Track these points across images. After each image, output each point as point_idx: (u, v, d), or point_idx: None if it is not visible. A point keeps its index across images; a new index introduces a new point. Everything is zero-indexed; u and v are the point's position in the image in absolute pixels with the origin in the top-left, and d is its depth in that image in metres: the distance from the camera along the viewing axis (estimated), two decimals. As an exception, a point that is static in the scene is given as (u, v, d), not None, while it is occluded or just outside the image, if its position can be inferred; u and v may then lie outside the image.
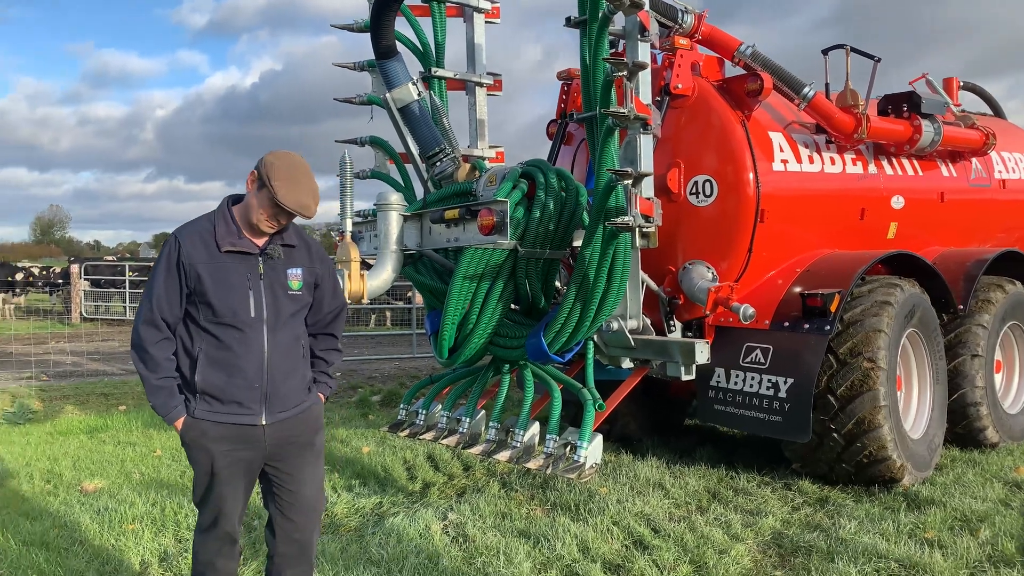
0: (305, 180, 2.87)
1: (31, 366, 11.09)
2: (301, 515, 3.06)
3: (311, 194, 2.87)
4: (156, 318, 2.89)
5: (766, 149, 5.55)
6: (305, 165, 2.93)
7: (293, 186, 2.82)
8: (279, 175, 2.81)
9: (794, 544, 4.30)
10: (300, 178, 2.86)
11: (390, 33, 5.34)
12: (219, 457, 2.91)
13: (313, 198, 2.88)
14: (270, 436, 2.95)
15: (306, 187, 2.86)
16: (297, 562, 3.08)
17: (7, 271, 20.59)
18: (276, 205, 2.81)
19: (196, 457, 2.95)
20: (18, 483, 5.73)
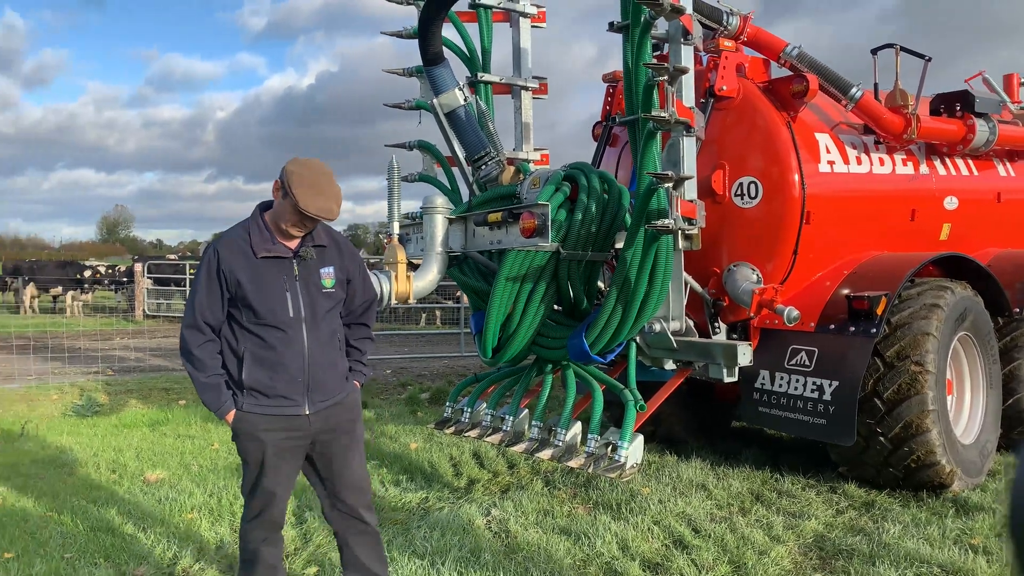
0: (326, 185, 2.99)
1: (98, 361, 11.59)
2: (350, 494, 3.25)
3: (333, 198, 3.01)
4: (199, 323, 3.07)
5: (812, 150, 5.51)
6: (326, 170, 3.05)
7: (314, 193, 2.95)
8: (300, 183, 2.94)
9: (836, 547, 4.30)
10: (321, 184, 2.98)
11: (438, 40, 5.47)
12: (268, 446, 3.09)
13: (335, 202, 3.02)
14: (314, 424, 3.13)
15: (327, 192, 2.99)
16: (359, 528, 3.28)
17: (75, 269, 21.46)
18: (299, 212, 2.95)
19: (246, 447, 3.14)
20: (86, 472, 6.04)
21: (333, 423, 3.19)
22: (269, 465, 3.12)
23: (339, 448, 3.23)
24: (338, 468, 3.24)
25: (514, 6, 6.15)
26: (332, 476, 3.25)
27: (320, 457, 3.23)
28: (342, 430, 3.23)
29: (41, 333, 15.20)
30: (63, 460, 6.41)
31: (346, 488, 3.25)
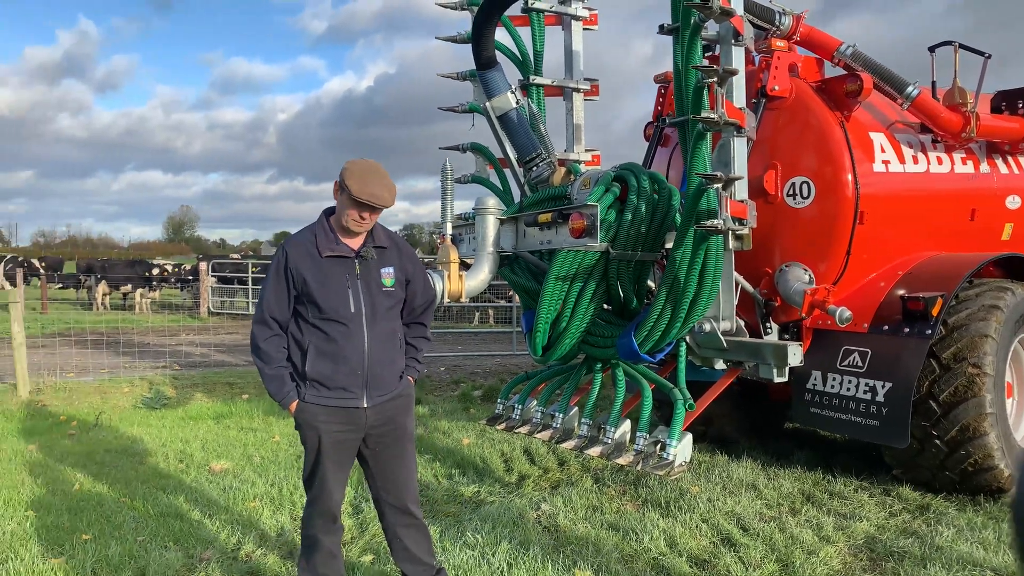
0: (376, 176, 3.19)
1: (165, 357, 12.07)
2: (399, 489, 3.40)
3: (383, 187, 3.18)
4: (267, 318, 3.27)
5: (866, 150, 5.46)
6: (377, 166, 3.25)
7: (365, 182, 3.14)
8: (352, 176, 3.16)
9: (887, 549, 4.27)
10: (371, 175, 3.18)
11: (490, 45, 5.59)
12: (325, 436, 3.26)
13: (386, 190, 3.19)
14: (370, 418, 3.28)
15: (377, 181, 3.17)
16: (406, 521, 3.43)
17: (144, 268, 22.31)
18: (354, 200, 3.14)
19: (306, 436, 3.31)
20: (156, 461, 6.34)
21: (387, 418, 3.34)
22: (325, 455, 3.28)
23: (391, 444, 3.38)
24: (388, 464, 3.39)
25: (566, 9, 6.23)
26: (383, 471, 3.40)
27: (372, 452, 3.38)
28: (395, 425, 3.38)
29: (112, 329, 15.87)
30: (134, 450, 6.73)
31: (395, 483, 3.40)
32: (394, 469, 3.40)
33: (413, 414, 3.52)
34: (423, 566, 3.44)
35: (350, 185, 3.14)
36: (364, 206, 3.17)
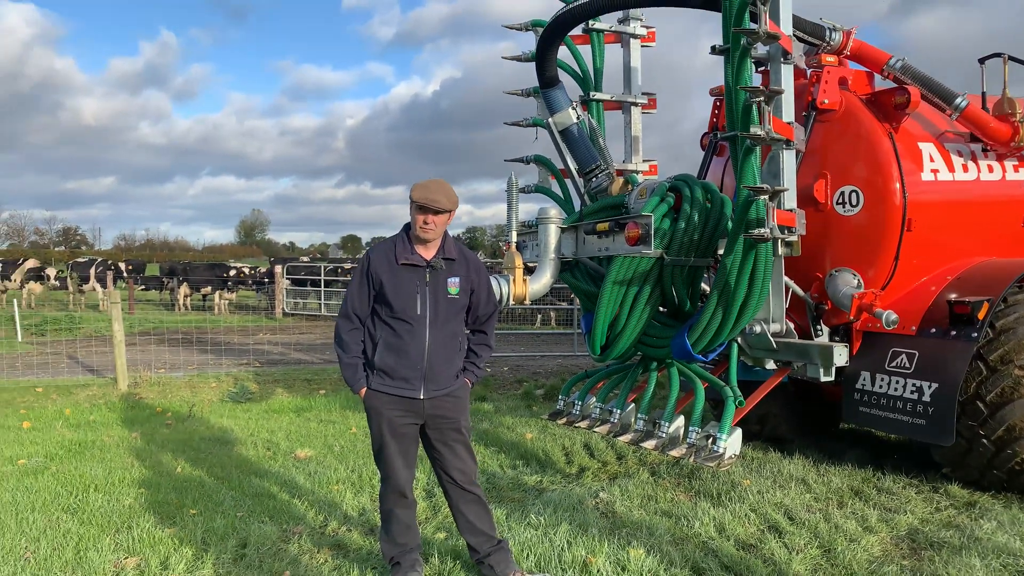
0: (435, 185, 3.70)
1: (246, 354, 12.85)
2: (457, 471, 3.85)
3: (441, 193, 3.66)
4: (350, 313, 3.78)
5: (915, 159, 5.67)
6: (439, 179, 3.75)
7: (426, 189, 3.65)
8: (416, 188, 3.69)
9: (927, 539, 4.51)
10: (431, 184, 3.69)
11: (553, 65, 6.00)
12: (386, 421, 3.73)
13: (443, 195, 3.66)
14: (427, 408, 3.74)
15: (436, 189, 3.67)
16: (467, 497, 3.88)
17: (222, 270, 23.45)
18: (417, 206, 3.64)
19: (371, 418, 3.80)
20: (245, 449, 6.94)
21: (442, 411, 3.79)
22: (387, 438, 3.76)
23: (447, 432, 3.83)
24: (447, 450, 3.84)
25: (625, 28, 6.60)
26: (443, 456, 3.85)
27: (432, 440, 3.84)
28: (450, 419, 3.82)
29: (194, 328, 16.82)
30: (225, 438, 7.36)
31: (453, 466, 3.85)
32: (453, 454, 3.84)
33: (468, 411, 3.95)
34: (484, 537, 3.86)
35: (413, 194, 3.65)
36: (426, 210, 3.63)
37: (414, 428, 3.78)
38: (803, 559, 4.21)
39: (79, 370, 11.20)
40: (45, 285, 24.08)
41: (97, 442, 7.17)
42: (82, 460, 6.47)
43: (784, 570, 4.04)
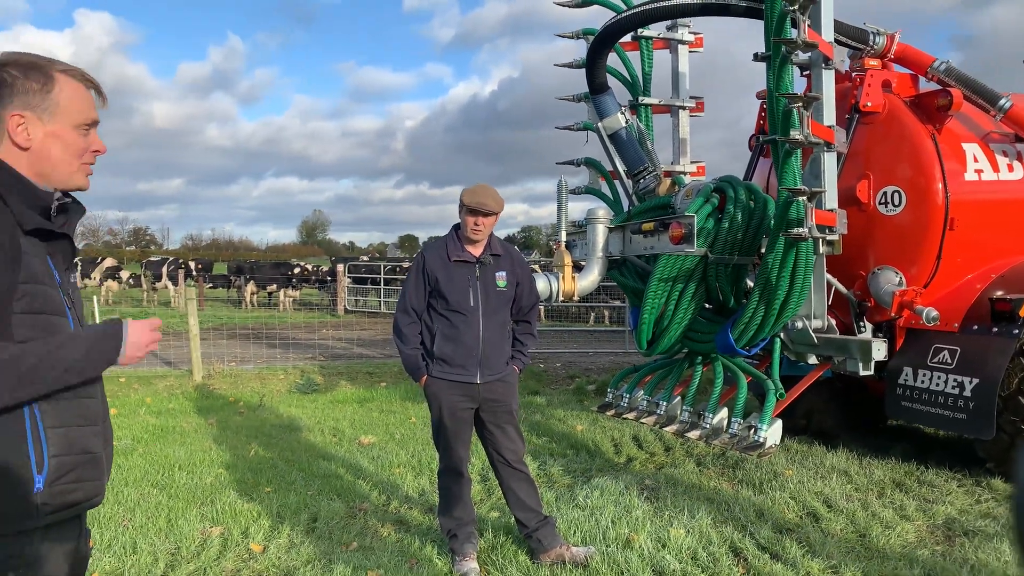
0: (484, 189, 4.04)
1: (310, 349, 13.44)
2: (508, 451, 4.19)
3: (489, 196, 4.01)
4: (408, 308, 4.15)
5: (959, 160, 5.78)
6: (486, 185, 4.09)
7: (475, 194, 4.00)
8: (465, 192, 4.04)
9: (963, 528, 4.67)
10: (480, 189, 4.04)
11: (603, 72, 6.29)
12: (446, 405, 4.09)
13: (491, 199, 4.00)
14: (482, 392, 4.09)
15: (484, 193, 4.02)
16: (517, 478, 4.21)
17: (287, 268, 24.33)
18: (468, 209, 3.99)
19: (432, 403, 4.16)
20: (312, 436, 7.41)
21: (495, 395, 4.14)
22: (446, 420, 4.12)
23: (500, 414, 4.17)
24: (499, 431, 4.19)
25: (673, 35, 6.85)
26: (494, 437, 4.20)
27: (486, 423, 4.19)
28: (502, 401, 4.16)
29: (261, 324, 17.56)
30: (294, 426, 7.85)
31: (504, 446, 4.20)
32: (504, 435, 4.19)
33: (517, 395, 4.29)
34: (533, 513, 4.19)
35: (464, 198, 4.01)
36: (476, 212, 3.97)
37: (470, 412, 4.13)
38: (837, 542, 4.42)
39: (156, 362, 11.91)
40: (121, 283, 25.33)
41: (177, 428, 7.74)
42: (165, 443, 7.02)
43: (818, 551, 4.26)
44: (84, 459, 1.80)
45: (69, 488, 1.76)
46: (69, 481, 1.76)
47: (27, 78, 1.75)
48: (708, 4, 5.57)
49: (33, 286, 1.71)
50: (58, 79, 1.79)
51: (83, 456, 1.80)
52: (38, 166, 1.79)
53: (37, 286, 1.72)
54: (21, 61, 1.77)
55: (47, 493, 1.72)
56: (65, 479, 1.75)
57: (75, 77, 1.82)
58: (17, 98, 1.75)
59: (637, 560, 4.07)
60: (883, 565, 4.10)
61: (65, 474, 1.75)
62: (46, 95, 1.77)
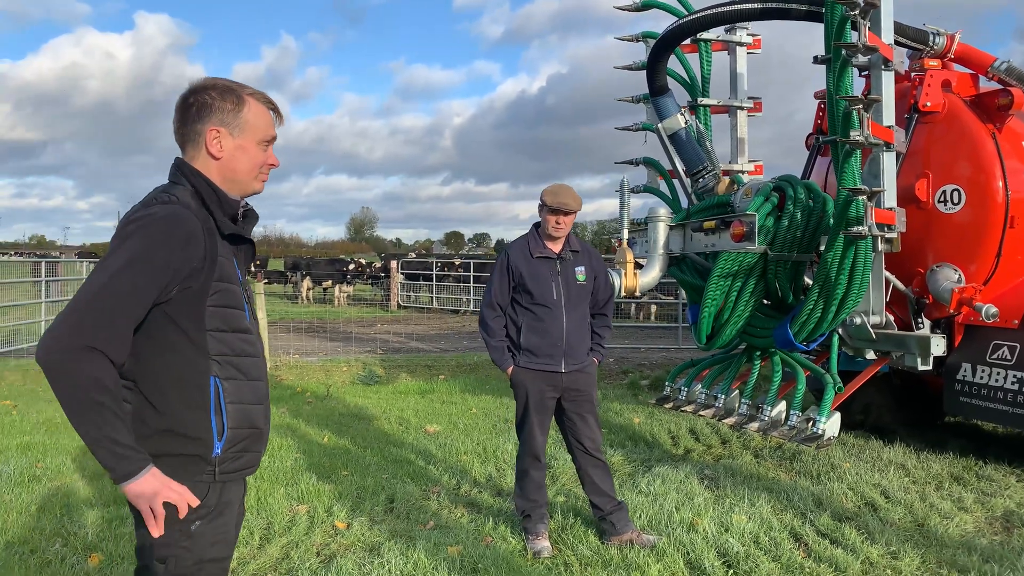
0: (564, 190, 4.28)
1: (368, 343, 13.86)
2: (587, 439, 4.42)
3: (570, 197, 4.25)
4: (493, 303, 4.39)
5: (1019, 158, 5.84)
6: (565, 184, 4.34)
7: (556, 194, 4.25)
8: (548, 192, 4.28)
9: (1021, 520, 4.77)
10: (561, 189, 4.28)
11: (663, 75, 6.48)
12: (532, 393, 4.33)
13: (572, 199, 4.24)
14: (565, 381, 4.33)
15: (565, 193, 4.26)
16: (594, 464, 4.44)
17: (341, 264, 24.92)
18: (550, 208, 4.24)
19: (518, 393, 4.40)
20: (380, 424, 7.75)
21: (577, 384, 4.37)
22: (530, 409, 4.36)
23: (581, 403, 4.41)
24: (580, 420, 4.42)
25: (732, 37, 7.00)
26: (575, 425, 4.43)
27: (567, 411, 4.42)
28: (583, 390, 4.40)
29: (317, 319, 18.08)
30: (362, 415, 8.21)
31: (584, 434, 4.43)
32: (584, 423, 4.42)
33: (596, 386, 4.53)
34: (607, 498, 4.43)
35: (546, 199, 4.26)
36: (557, 211, 4.22)
37: (553, 401, 4.39)
38: (896, 530, 4.57)
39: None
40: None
41: (252, 415, 8.14)
42: (244, 429, 7.42)
43: (877, 538, 4.41)
44: (252, 433, 2.12)
45: (238, 455, 2.08)
46: (239, 450, 2.08)
47: (223, 99, 2.08)
48: (768, 8, 5.72)
49: (225, 284, 2.03)
50: (248, 101, 2.11)
51: (252, 430, 2.11)
52: (226, 173, 2.12)
53: (227, 284, 2.04)
54: (218, 86, 2.09)
55: (222, 457, 2.04)
56: (236, 448, 2.07)
57: (260, 100, 2.14)
58: (215, 116, 2.08)
59: (702, 542, 4.28)
60: (941, 552, 4.24)
61: (237, 443, 2.07)
62: (237, 114, 2.10)
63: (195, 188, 2.08)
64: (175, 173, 2.12)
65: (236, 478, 2.13)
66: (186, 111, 2.10)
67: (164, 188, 2.09)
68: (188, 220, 1.99)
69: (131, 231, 1.95)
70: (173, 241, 1.94)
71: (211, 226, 2.05)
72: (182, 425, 2.00)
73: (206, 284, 2.01)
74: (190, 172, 2.09)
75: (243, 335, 2.13)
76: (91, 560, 4.09)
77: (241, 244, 2.20)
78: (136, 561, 2.11)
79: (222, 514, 2.09)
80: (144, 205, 2.04)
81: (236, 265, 2.14)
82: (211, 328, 2.03)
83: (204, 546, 2.05)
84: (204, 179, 2.09)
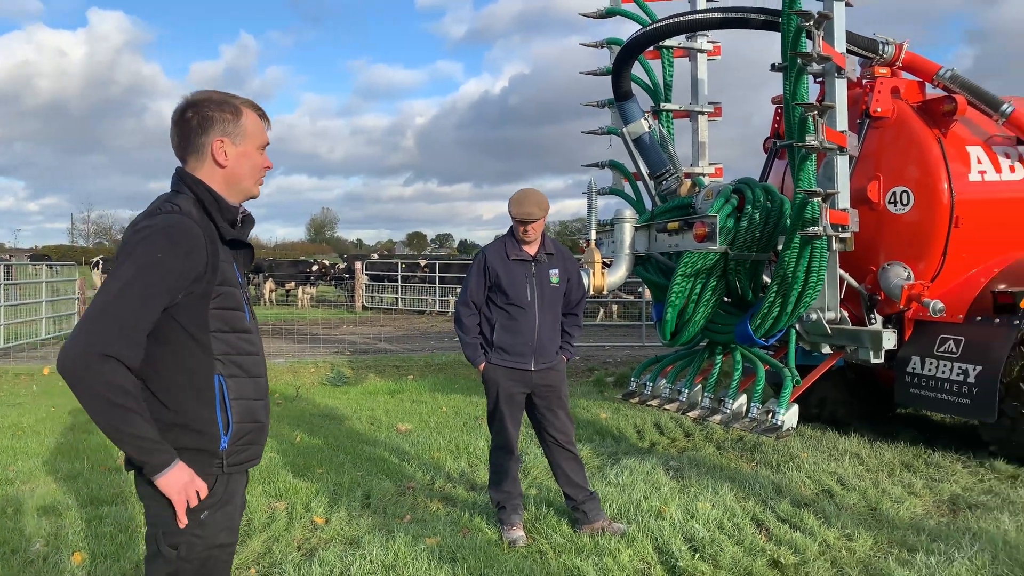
0: (527, 198, 4.43)
1: (335, 344, 13.88)
2: (558, 432, 4.61)
3: (533, 205, 4.40)
4: (469, 301, 4.56)
5: (963, 161, 6.17)
6: (531, 190, 4.49)
7: (520, 204, 4.40)
8: (511, 202, 4.45)
9: (967, 502, 5.07)
10: (524, 198, 4.43)
11: (627, 80, 6.69)
12: (502, 389, 4.51)
13: (535, 206, 4.39)
14: (535, 379, 4.51)
15: (528, 202, 4.41)
16: (567, 456, 4.63)
17: (305, 265, 24.81)
18: (515, 219, 4.40)
19: (488, 388, 4.57)
20: (352, 424, 7.84)
21: (547, 381, 4.55)
22: (501, 404, 4.54)
23: (551, 399, 4.59)
24: (551, 414, 4.60)
25: (692, 44, 7.25)
26: (546, 420, 4.61)
27: (538, 407, 4.60)
28: (554, 386, 4.58)
29: (281, 321, 18.02)
30: (333, 415, 8.29)
31: (556, 428, 4.61)
32: (555, 417, 4.60)
33: (566, 382, 4.71)
34: (580, 488, 4.61)
35: (511, 209, 4.44)
36: (523, 221, 4.39)
37: (523, 396, 4.56)
38: (851, 514, 4.83)
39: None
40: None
41: (223, 416, 8.17)
42: (215, 430, 7.46)
43: (833, 522, 4.67)
44: (255, 427, 2.25)
45: (243, 449, 2.21)
46: (244, 444, 2.21)
47: (223, 111, 2.20)
48: (728, 18, 5.96)
49: (226, 288, 2.16)
50: (243, 110, 2.24)
51: (254, 424, 2.25)
52: (230, 179, 2.25)
53: (228, 288, 2.17)
54: (214, 99, 2.22)
55: (228, 451, 2.17)
56: (241, 441, 2.20)
57: (252, 108, 2.28)
58: (217, 127, 2.21)
59: (669, 529, 4.49)
60: (892, 533, 4.51)
61: (242, 437, 2.20)
62: (237, 123, 2.23)
63: (197, 196, 2.20)
64: (177, 182, 2.24)
65: (241, 470, 2.26)
66: (186, 125, 2.22)
67: (167, 197, 2.21)
68: (191, 229, 2.11)
69: (138, 241, 2.07)
70: (179, 250, 2.06)
71: (212, 233, 2.18)
72: (191, 421, 2.12)
73: (209, 288, 2.14)
74: (192, 181, 2.22)
75: (244, 335, 2.26)
76: (74, 559, 4.15)
77: (240, 248, 2.32)
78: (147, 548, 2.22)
79: (229, 503, 2.22)
80: (148, 215, 2.16)
81: (236, 268, 2.27)
82: (214, 329, 2.15)
83: (214, 533, 2.18)
84: (205, 187, 2.21)
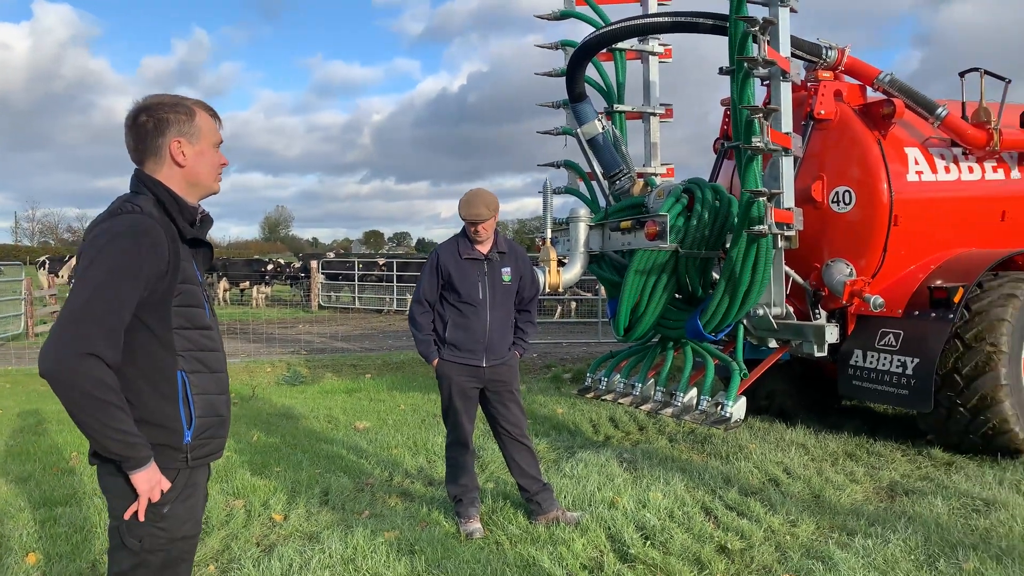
0: (475, 199, 4.50)
1: (291, 344, 13.80)
2: (511, 426, 4.71)
3: (481, 205, 4.48)
4: (422, 299, 4.64)
5: (902, 162, 6.43)
6: (479, 190, 4.57)
7: (468, 206, 4.49)
8: (461, 204, 4.54)
9: (904, 488, 5.31)
10: (472, 200, 4.51)
11: (581, 82, 6.83)
12: (455, 384, 4.60)
13: (484, 207, 4.48)
14: (487, 375, 4.61)
15: (476, 202, 4.49)
16: (520, 448, 4.73)
17: (259, 265, 24.52)
18: (464, 219, 4.50)
19: (442, 384, 4.66)
20: (309, 422, 7.85)
21: (499, 376, 4.66)
22: (455, 399, 4.63)
23: (503, 393, 4.69)
24: (503, 408, 4.71)
25: (644, 47, 7.41)
26: (499, 413, 4.71)
27: (491, 401, 4.70)
28: (505, 381, 4.69)
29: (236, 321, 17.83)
30: (290, 414, 8.28)
31: (509, 420, 4.72)
32: (508, 411, 4.71)
33: (518, 376, 4.82)
34: (533, 479, 4.72)
35: (460, 211, 4.53)
36: (472, 222, 4.49)
37: (476, 391, 4.65)
38: (795, 502, 5.03)
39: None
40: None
41: (178, 417, 8.11)
42: (170, 430, 7.40)
43: (778, 509, 4.86)
44: (217, 421, 2.30)
45: (206, 442, 2.27)
46: (207, 437, 2.27)
47: (177, 113, 2.25)
48: (678, 22, 6.13)
49: (187, 286, 2.21)
50: (195, 110, 2.29)
51: (216, 418, 2.30)
52: (190, 178, 2.30)
53: (189, 285, 2.22)
54: (166, 102, 2.26)
55: (192, 444, 2.23)
56: (204, 435, 2.26)
57: (203, 108, 2.33)
58: (173, 128, 2.26)
59: (622, 518, 4.62)
60: (834, 518, 4.71)
61: (205, 431, 2.26)
62: (191, 123, 2.28)
63: (157, 197, 2.25)
64: (136, 183, 2.28)
65: (204, 463, 2.31)
66: (141, 129, 2.27)
67: (127, 198, 2.25)
68: (153, 228, 2.16)
69: (105, 243, 2.11)
70: (144, 249, 2.11)
71: (173, 232, 2.23)
72: (155, 416, 2.17)
73: (171, 286, 2.19)
74: (151, 183, 2.26)
75: (205, 331, 2.32)
76: (29, 559, 4.12)
77: (199, 247, 2.38)
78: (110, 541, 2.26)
79: (191, 496, 2.27)
80: (110, 215, 2.20)
81: (196, 267, 2.32)
82: (176, 326, 2.21)
83: (176, 525, 2.23)
84: (164, 188, 2.26)
